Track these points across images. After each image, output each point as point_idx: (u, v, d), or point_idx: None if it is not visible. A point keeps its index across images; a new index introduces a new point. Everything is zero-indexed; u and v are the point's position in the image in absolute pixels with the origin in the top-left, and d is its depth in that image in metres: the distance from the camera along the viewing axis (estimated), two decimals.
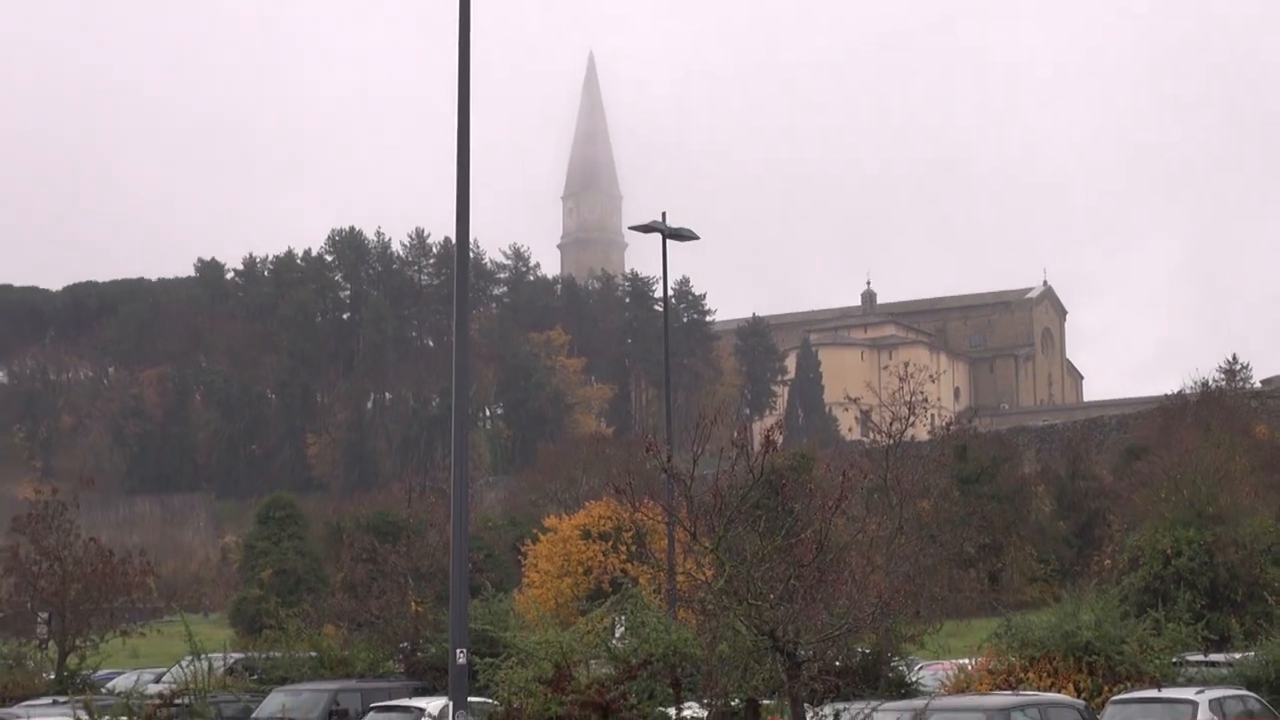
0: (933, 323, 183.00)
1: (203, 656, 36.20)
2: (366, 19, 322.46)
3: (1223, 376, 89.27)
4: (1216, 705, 25.21)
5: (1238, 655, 31.76)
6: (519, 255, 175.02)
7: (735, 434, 26.34)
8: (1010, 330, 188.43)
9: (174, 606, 58.07)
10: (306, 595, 55.88)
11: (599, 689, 17.70)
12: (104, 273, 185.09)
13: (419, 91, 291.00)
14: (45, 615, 44.85)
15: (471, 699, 17.27)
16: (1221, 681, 28.66)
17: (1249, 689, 27.79)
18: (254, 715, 30.09)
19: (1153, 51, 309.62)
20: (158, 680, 31.95)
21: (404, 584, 42.10)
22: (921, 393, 43.98)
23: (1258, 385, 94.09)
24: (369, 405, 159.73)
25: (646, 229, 44.08)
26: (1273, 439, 67.08)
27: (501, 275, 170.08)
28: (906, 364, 53.65)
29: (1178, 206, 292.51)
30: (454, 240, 17.98)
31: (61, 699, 32.15)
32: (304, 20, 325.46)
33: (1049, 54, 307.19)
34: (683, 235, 43.88)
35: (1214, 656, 32.15)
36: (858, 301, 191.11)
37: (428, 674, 34.80)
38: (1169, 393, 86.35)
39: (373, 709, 31.27)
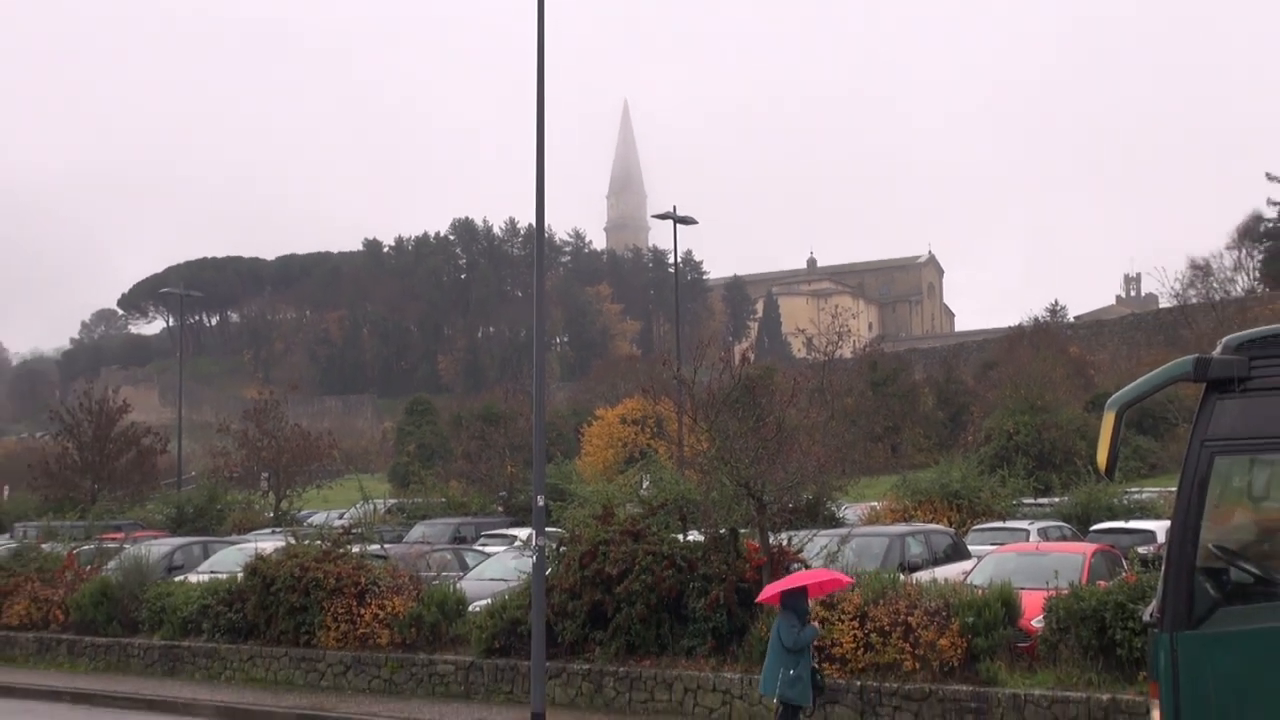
0: (854, 279, 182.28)
1: (369, 501, 36.60)
2: (475, 69, 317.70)
3: (1048, 314, 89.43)
4: (1042, 531, 25.52)
5: (1056, 499, 32.05)
6: (578, 235, 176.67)
7: (721, 355, 26.46)
8: (906, 283, 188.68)
9: (350, 469, 58.37)
10: (438, 461, 56.24)
11: (631, 521, 17.87)
12: (301, 247, 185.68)
13: (509, 120, 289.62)
14: (266, 474, 45.22)
15: (547, 529, 17.39)
16: (1045, 516, 28.91)
17: (1064, 521, 28.06)
18: (404, 539, 30.38)
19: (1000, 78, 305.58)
20: (340, 517, 32.21)
21: (503, 453, 42.38)
22: (846, 326, 44.03)
23: (1072, 319, 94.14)
24: (479, 335, 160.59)
25: (663, 217, 46.70)
26: (1080, 355, 67.27)
27: (566, 249, 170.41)
28: (836, 307, 54.15)
29: (1021, 193, 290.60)
30: (534, 225, 17.98)
31: (277, 530, 32.52)
32: (424, 69, 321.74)
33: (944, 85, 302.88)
34: (687, 220, 46.73)
35: (1040, 500, 32.42)
36: (804, 265, 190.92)
37: (519, 513, 35.15)
38: (1012, 325, 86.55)
39: (482, 535, 31.69)
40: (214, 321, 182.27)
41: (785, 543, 17.48)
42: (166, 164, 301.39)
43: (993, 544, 23.21)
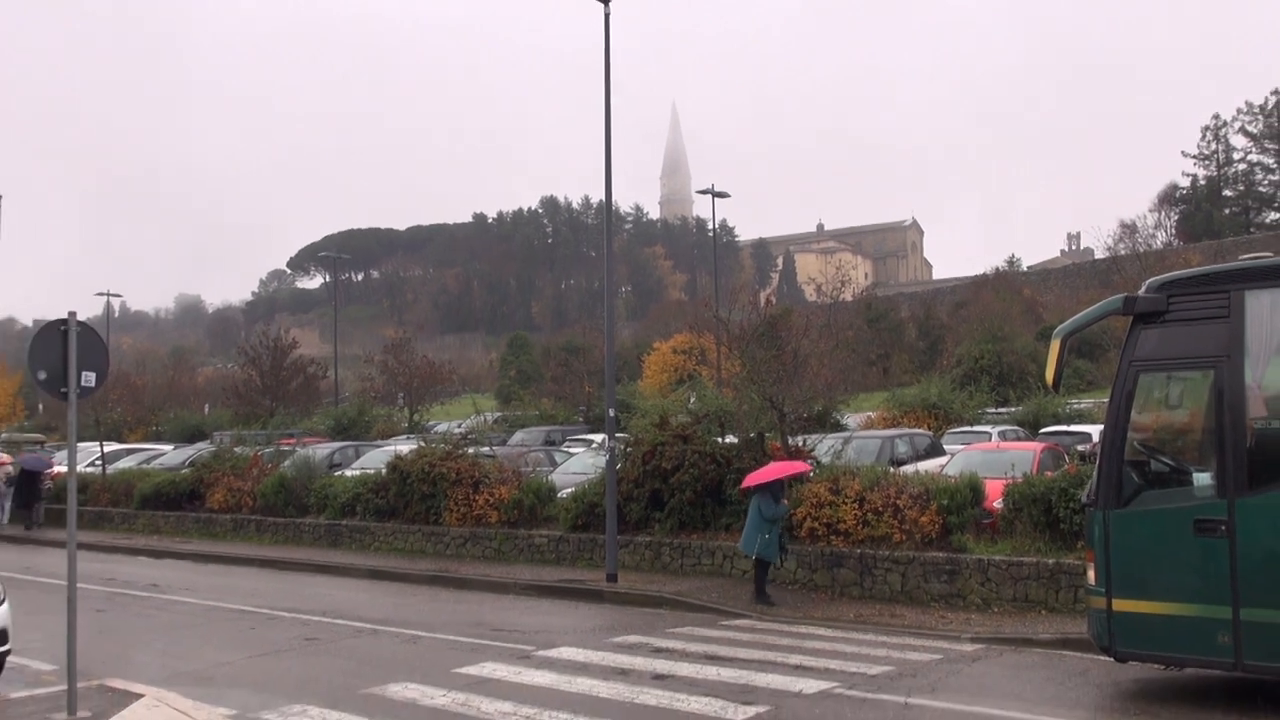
0: (854, 239, 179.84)
1: (480, 414, 36.85)
2: (554, 71, 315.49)
3: (1006, 264, 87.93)
4: (1001, 434, 25.25)
5: (1012, 409, 31.72)
6: (638, 208, 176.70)
7: (750, 300, 26.25)
8: (894, 242, 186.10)
9: (465, 390, 58.89)
10: (532, 383, 56.50)
11: (682, 428, 17.86)
12: (424, 219, 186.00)
13: (585, 116, 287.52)
14: (401, 394, 45.70)
15: (617, 434, 17.46)
16: (1003, 422, 28.63)
17: (1018, 426, 27.79)
18: (507, 443, 30.56)
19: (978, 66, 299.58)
20: (458, 426, 32.45)
21: (581, 377, 42.54)
22: (847, 276, 43.50)
23: (1025, 268, 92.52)
24: (562, 286, 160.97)
25: (704, 192, 46.16)
26: (1032, 297, 66.21)
27: (628, 219, 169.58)
28: (840, 261, 53.68)
29: (986, 165, 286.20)
30: (604, 201, 17.89)
31: (410, 436, 32.84)
32: (512, 71, 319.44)
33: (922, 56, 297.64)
34: (722, 195, 45.99)
35: (1000, 410, 32.12)
36: (814, 229, 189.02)
37: (595, 422, 35.32)
38: (978, 274, 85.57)
39: (567, 439, 31.89)
40: (359, 278, 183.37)
41: (801, 443, 17.46)
42: (322, 152, 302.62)
43: (963, 444, 23.07)
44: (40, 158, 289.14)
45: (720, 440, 17.74)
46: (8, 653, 10.08)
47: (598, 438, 27.47)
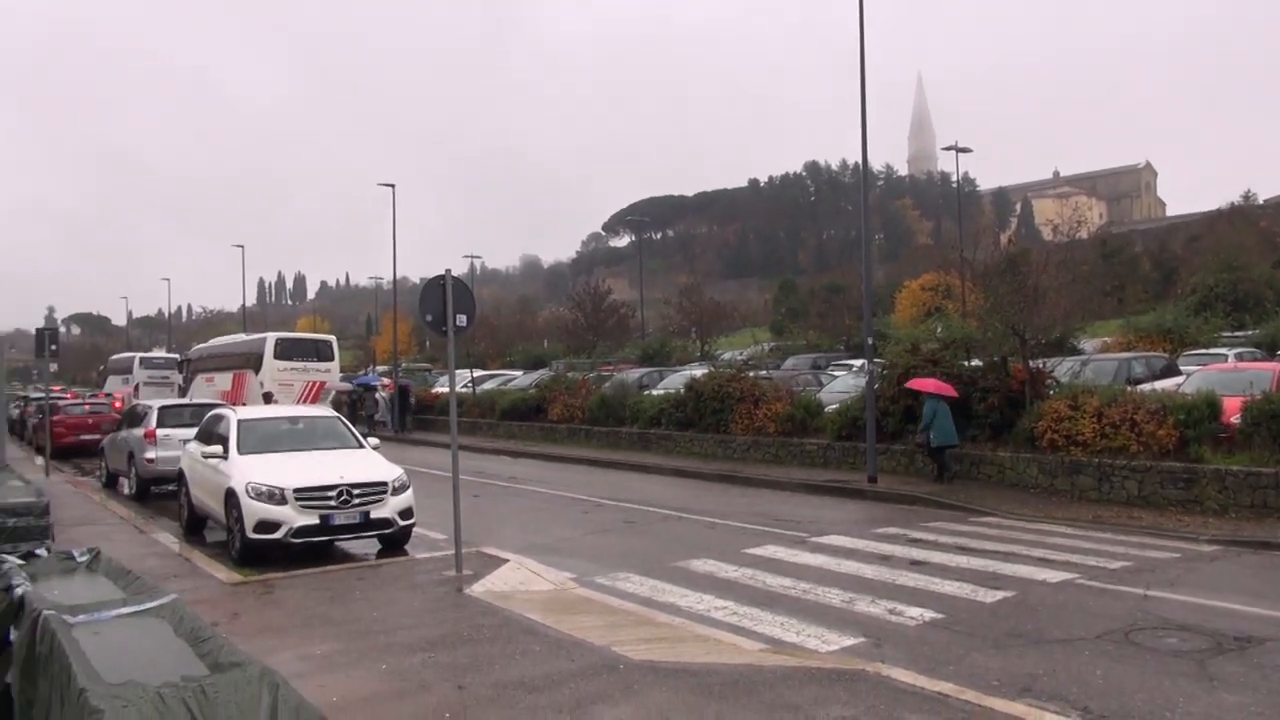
0: (1088, 183, 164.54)
1: (758, 344, 36.78)
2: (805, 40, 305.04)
3: (1241, 199, 77.56)
4: (1238, 355, 22.39)
5: (1249, 332, 28.06)
6: (888, 166, 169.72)
7: (991, 240, 24.62)
8: (1129, 183, 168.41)
9: (745, 325, 58.68)
10: (800, 318, 55.69)
11: (931, 353, 17.10)
12: (708, 185, 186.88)
13: (837, 93, 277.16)
14: (693, 329, 46.35)
15: (876, 359, 16.94)
16: (1240, 345, 25.40)
17: (1255, 347, 24.58)
18: (780, 367, 30.18)
19: None
20: (741, 355, 32.54)
21: (842, 312, 41.52)
22: (1083, 216, 39.95)
23: (1261, 202, 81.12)
24: (824, 236, 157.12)
25: (948, 149, 42.82)
26: (1268, 228, 58.00)
27: (880, 176, 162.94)
28: (1076, 203, 49.35)
29: (1223, 100, 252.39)
30: (860, 163, 17.17)
31: (702, 362, 33.19)
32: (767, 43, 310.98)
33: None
34: (964, 150, 42.52)
35: (1236, 334, 28.49)
36: (1050, 175, 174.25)
37: (854, 349, 34.36)
38: (1211, 209, 76.13)
39: (832, 364, 31.13)
40: (658, 236, 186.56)
41: (1041, 365, 16.27)
42: (626, 134, 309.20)
43: (1198, 365, 20.72)
44: (414, 145, 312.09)
45: (965, 364, 16.85)
46: (413, 525, 11.13)
47: (857, 362, 26.76)
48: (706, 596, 8.67)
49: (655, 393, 24.37)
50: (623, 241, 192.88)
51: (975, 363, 16.86)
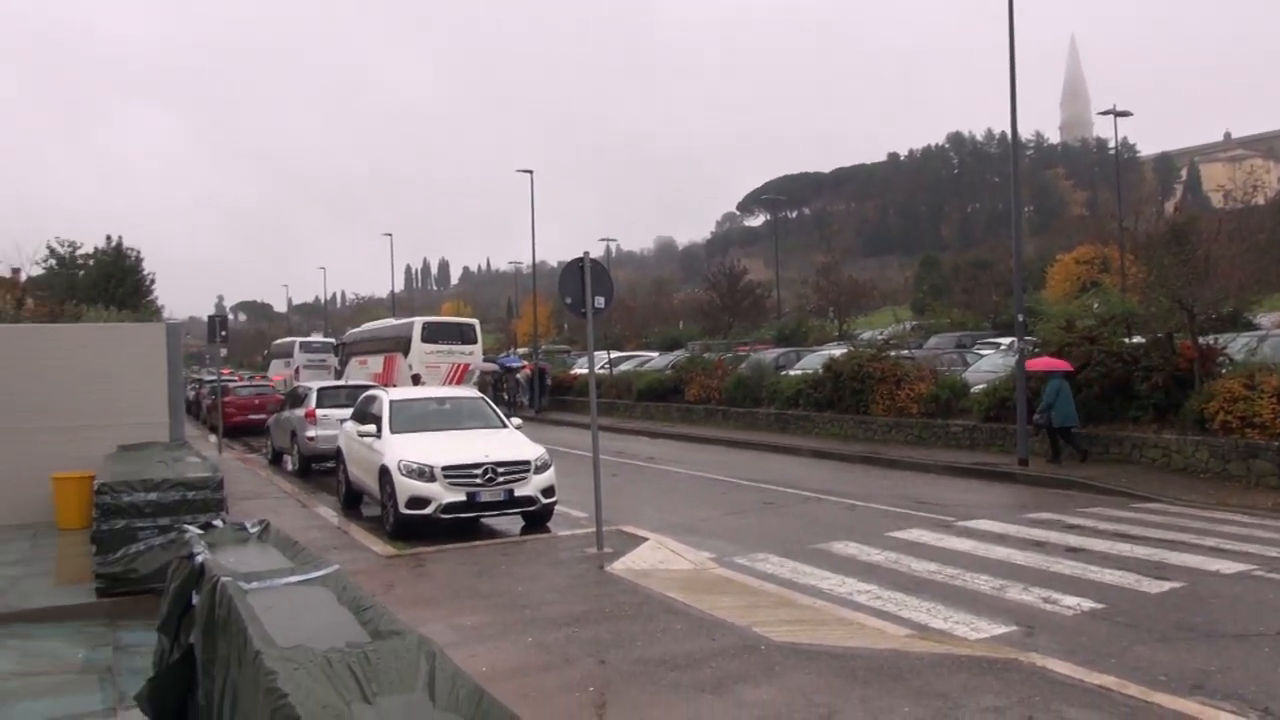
0: (1264, 144, 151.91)
1: (900, 323, 35.79)
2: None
3: None
4: None
5: None
6: (1038, 134, 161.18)
7: (1155, 210, 23.12)
8: None
9: (885, 304, 57.16)
10: (943, 295, 53.81)
11: (1088, 330, 16.21)
12: (846, 161, 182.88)
13: (983, 61, 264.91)
14: (831, 308, 45.53)
15: (1026, 336, 16.21)
16: None
17: None
18: (923, 346, 29.23)
19: None
20: (880, 334, 31.65)
21: (988, 289, 39.90)
22: (1260, 180, 36.91)
23: None
24: (968, 210, 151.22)
25: (1105, 113, 40.49)
26: None
27: (1029, 145, 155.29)
28: (1251, 166, 45.58)
29: None
30: (1010, 130, 16.42)
31: (840, 342, 32.57)
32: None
33: None
34: (1124, 114, 39.98)
35: None
36: (1220, 138, 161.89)
37: (1002, 328, 32.94)
38: None
39: (978, 343, 29.96)
40: (793, 215, 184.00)
41: (1212, 341, 15.18)
42: (756, 112, 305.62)
43: None
44: (552, 131, 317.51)
45: (1126, 341, 15.89)
46: (555, 503, 11.39)
47: (1005, 341, 25.66)
48: (849, 580, 8.52)
49: (792, 373, 24.09)
50: (757, 221, 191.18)
51: (1137, 339, 15.89)
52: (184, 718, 4.60)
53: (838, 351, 23.49)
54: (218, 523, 5.86)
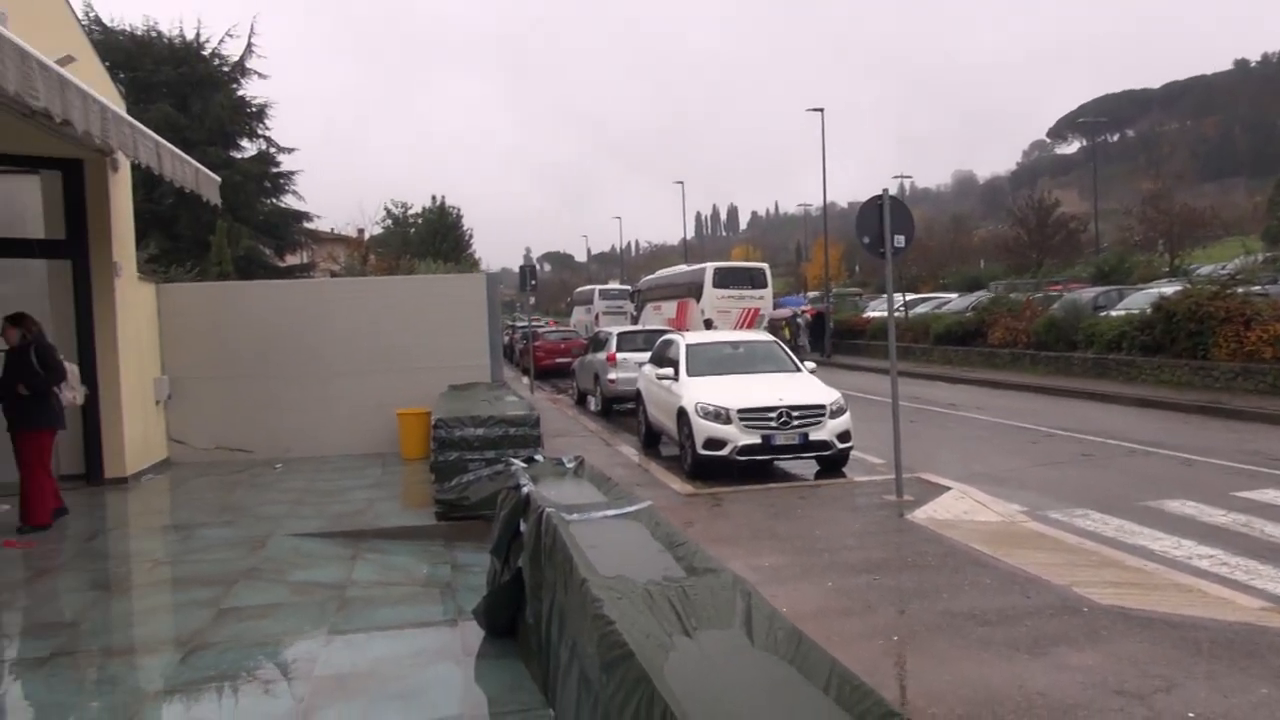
0: None
1: (1250, 255, 31.41)
2: None
3: None
4: None
5: None
6: None
7: None
8: None
9: (1229, 233, 49.74)
10: None
11: None
12: (1180, 74, 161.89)
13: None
14: (1161, 240, 40.80)
15: None
16: None
17: None
18: (1276, 281, 25.40)
19: None
20: (1223, 269, 27.80)
21: None
22: None
23: None
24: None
25: None
26: None
27: None
28: None
29: None
30: None
31: (1172, 279, 29.07)
32: None
33: None
34: None
35: None
36: None
37: None
38: None
39: None
40: (1114, 138, 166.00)
41: None
42: (1067, 24, 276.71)
43: None
44: (842, 70, 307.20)
45: None
46: (850, 448, 11.22)
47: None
48: (1186, 542, 7.69)
49: (1114, 314, 22.05)
50: (1071, 148, 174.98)
51: None
52: (514, 632, 5.06)
53: (1169, 289, 21.10)
54: (538, 457, 6.34)
